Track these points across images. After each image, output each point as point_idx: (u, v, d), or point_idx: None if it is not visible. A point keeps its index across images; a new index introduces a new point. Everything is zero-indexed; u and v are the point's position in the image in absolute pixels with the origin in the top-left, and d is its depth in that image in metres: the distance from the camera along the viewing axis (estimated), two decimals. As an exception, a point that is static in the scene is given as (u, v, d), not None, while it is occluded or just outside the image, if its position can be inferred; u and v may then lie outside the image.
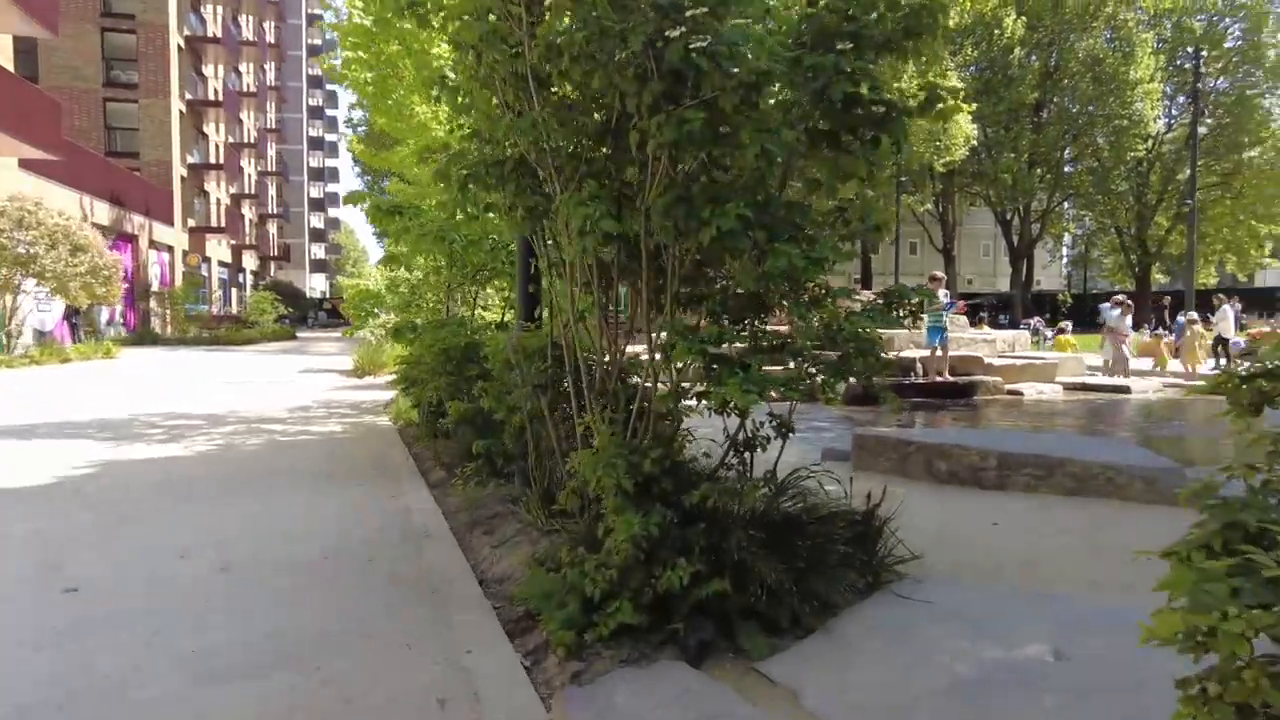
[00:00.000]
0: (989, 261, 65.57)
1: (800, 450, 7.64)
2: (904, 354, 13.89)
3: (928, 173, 41.45)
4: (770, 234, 2.99)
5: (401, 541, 4.51)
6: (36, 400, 11.93)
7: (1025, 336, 17.88)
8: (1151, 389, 13.78)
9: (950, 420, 10.52)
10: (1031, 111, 44.33)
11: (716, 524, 3.15)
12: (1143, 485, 4.93)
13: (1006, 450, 5.51)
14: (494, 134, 3.57)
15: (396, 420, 9.16)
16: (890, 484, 6.03)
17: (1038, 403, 12.40)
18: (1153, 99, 44.28)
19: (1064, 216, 54.45)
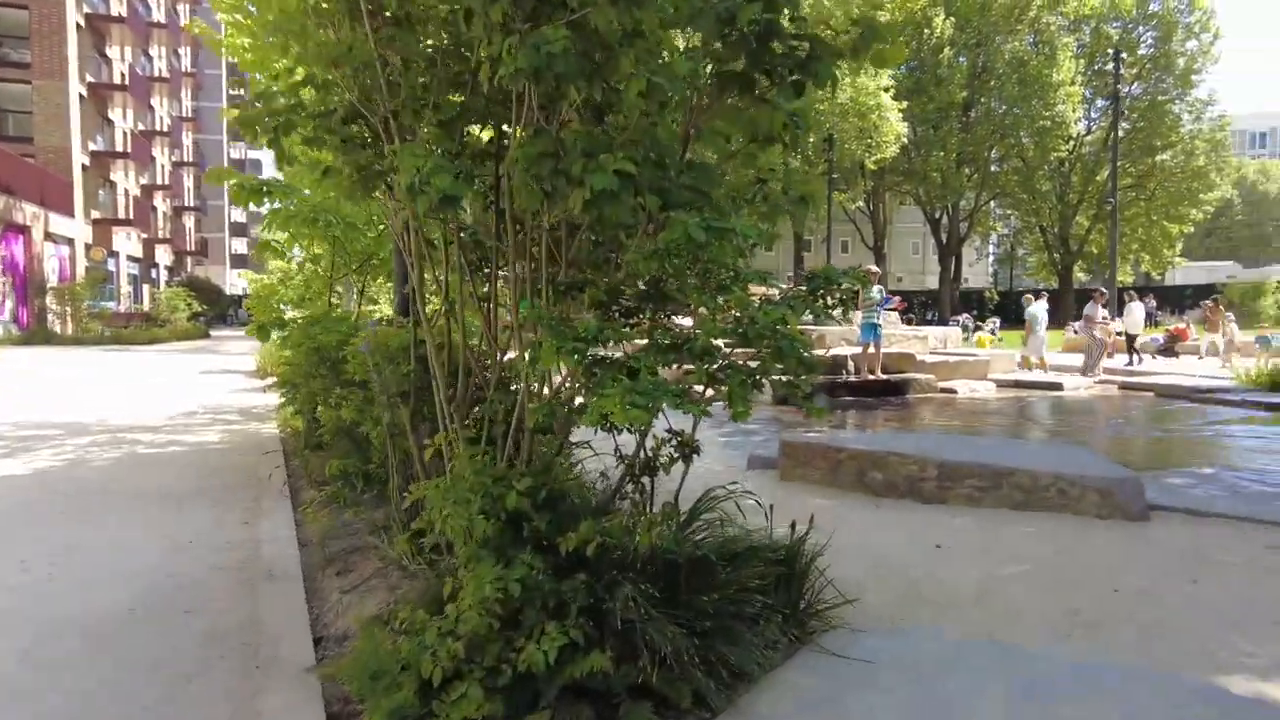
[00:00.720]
0: (918, 259, 66.59)
1: (724, 458, 7.03)
2: (836, 351, 13.46)
3: (859, 170, 41.62)
4: (665, 200, 2.31)
5: (235, 585, 3.70)
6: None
7: (957, 333, 17.71)
8: (1083, 386, 13.64)
9: (884, 420, 10.07)
10: (960, 111, 44.94)
11: (602, 574, 2.46)
12: (1098, 498, 4.42)
13: (947, 459, 4.96)
14: (321, 75, 2.80)
15: (283, 428, 8.23)
16: (821, 497, 5.46)
17: (972, 401, 12.09)
18: (1074, 101, 45.39)
19: (991, 215, 55.55)
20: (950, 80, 42.63)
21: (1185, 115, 49.66)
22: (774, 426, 8.98)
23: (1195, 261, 64.33)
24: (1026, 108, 44.65)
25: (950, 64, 43.02)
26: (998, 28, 44.52)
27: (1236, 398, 11.06)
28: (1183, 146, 49.12)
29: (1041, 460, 4.86)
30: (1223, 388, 12.04)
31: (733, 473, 6.23)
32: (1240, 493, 5.10)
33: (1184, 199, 49.93)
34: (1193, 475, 5.59)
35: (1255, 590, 3.48)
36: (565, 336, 2.24)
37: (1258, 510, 4.55)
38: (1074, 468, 4.66)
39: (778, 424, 9.24)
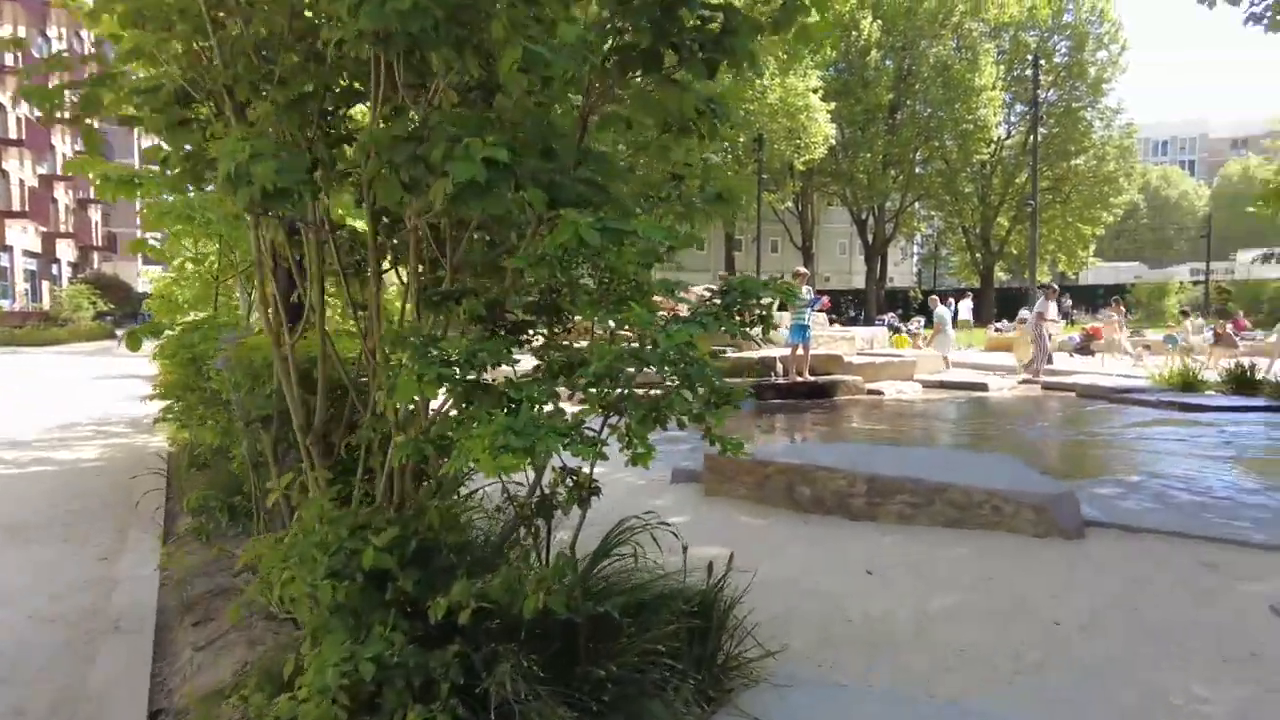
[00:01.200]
0: (845, 259, 67.67)
1: (650, 469, 6.70)
2: (764, 352, 13.28)
3: (788, 171, 41.93)
4: (554, 196, 1.92)
5: (69, 643, 3.17)
6: None
7: (884, 334, 17.79)
8: (1006, 386, 13.78)
9: (812, 424, 9.88)
10: (887, 113, 45.70)
11: (481, 643, 2.06)
12: (1033, 515, 4.21)
13: (878, 474, 4.70)
14: (149, 42, 2.32)
15: (172, 442, 7.55)
16: (748, 514, 5.14)
17: (898, 403, 12.03)
18: (995, 105, 46.65)
19: (915, 216, 56.76)
20: (877, 83, 43.32)
21: (1097, 122, 51.66)
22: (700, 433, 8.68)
23: (1105, 263, 67.03)
24: (950, 111, 45.71)
25: (877, 66, 43.71)
26: (923, 32, 45.45)
27: (1153, 398, 11.25)
28: (1095, 152, 51.07)
29: (974, 475, 4.64)
30: (1139, 388, 12.26)
31: (656, 487, 5.90)
32: (1170, 503, 4.98)
33: (1096, 202, 51.93)
34: (1121, 484, 5.48)
35: (1198, 617, 3.29)
36: (429, 361, 1.84)
37: (1189, 524, 4.42)
38: (1008, 483, 4.45)
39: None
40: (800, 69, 36.39)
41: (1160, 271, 66.02)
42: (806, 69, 36.97)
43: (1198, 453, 7.29)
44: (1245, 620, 3.26)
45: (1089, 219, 52.84)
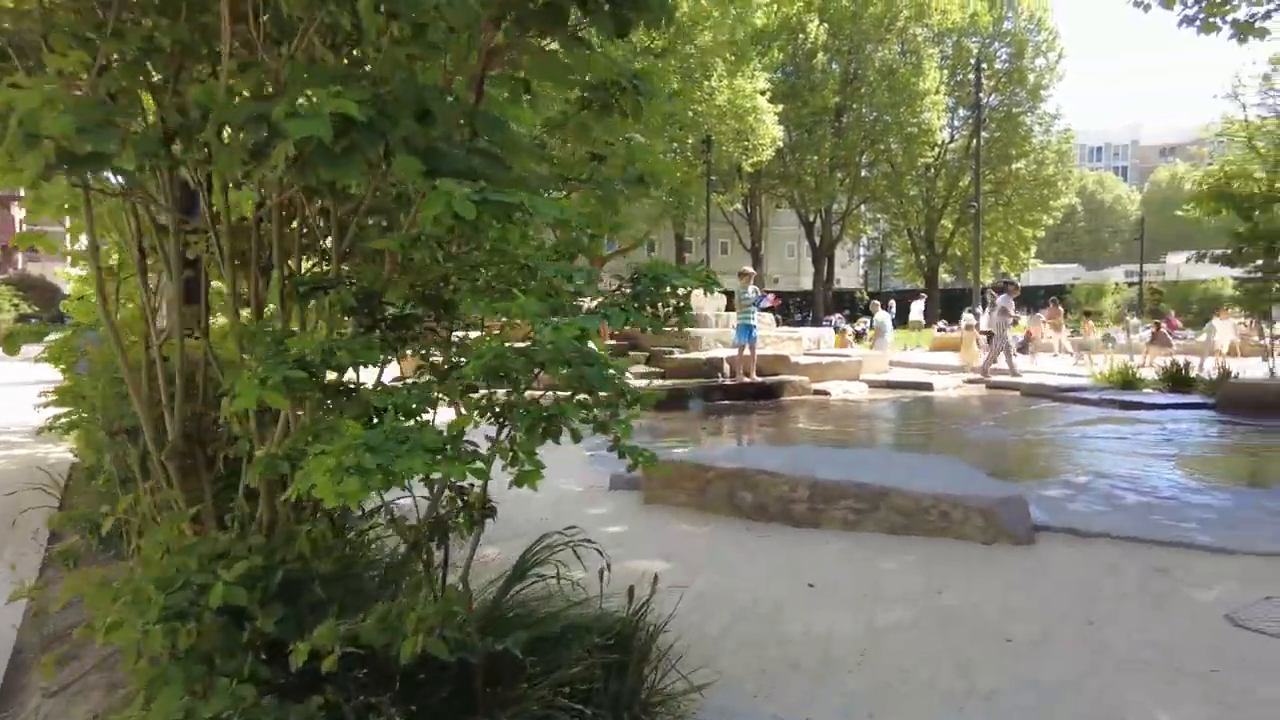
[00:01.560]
0: (794, 261, 68.18)
1: (587, 475, 6.39)
2: (711, 353, 13.09)
3: (736, 172, 42.03)
4: (432, 165, 1.62)
5: (-102, 689, 2.75)
6: None
7: (830, 334, 17.76)
8: (952, 386, 13.81)
9: (758, 425, 9.69)
10: (833, 116, 46.13)
11: (353, 692, 1.75)
12: (982, 521, 4.03)
13: (820, 479, 4.48)
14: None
15: (77, 453, 7.01)
16: (688, 522, 4.87)
17: (845, 403, 11.93)
18: (939, 109, 47.43)
19: (861, 219, 57.47)
20: (823, 86, 43.69)
21: (1036, 127, 52.98)
22: (646, 437, 8.40)
23: (1045, 265, 68.81)
24: (895, 115, 46.37)
25: (824, 70, 44.10)
26: (868, 36, 46.00)
27: (1094, 396, 11.33)
28: (1035, 156, 52.37)
29: (921, 479, 4.44)
30: (1081, 386, 12.37)
31: (593, 495, 5.61)
32: (1117, 505, 4.86)
33: (1036, 205, 53.23)
34: (1069, 485, 5.36)
35: (1154, 627, 3.12)
36: (277, 360, 1.53)
37: (1139, 527, 4.28)
38: (955, 487, 4.26)
39: (650, 434, 8.68)
40: (748, 71, 36.45)
41: (1097, 273, 67.97)
42: (754, 71, 37.04)
43: (1141, 451, 7.26)
44: (1201, 630, 3.09)
45: (1029, 221, 54.14)
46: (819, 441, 8.16)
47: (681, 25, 34.53)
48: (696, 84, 34.78)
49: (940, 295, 53.48)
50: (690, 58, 34.61)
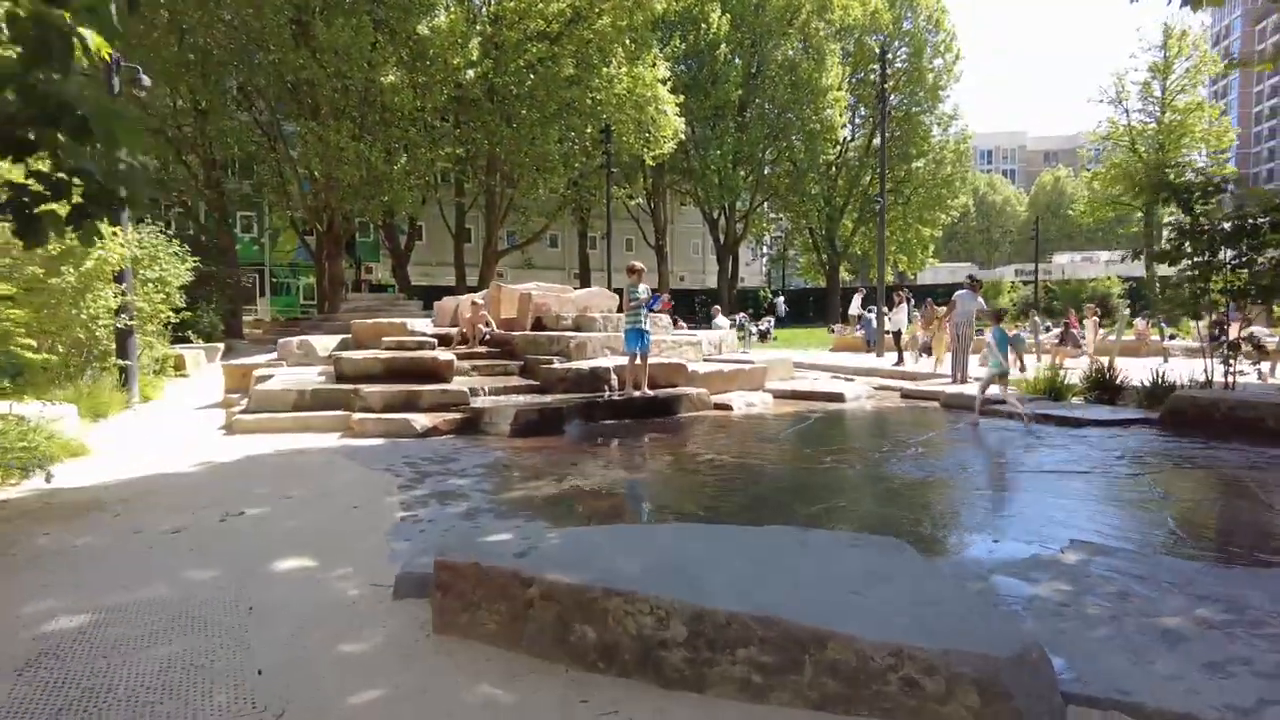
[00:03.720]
0: (699, 259, 67.25)
1: (370, 567, 4.38)
2: (598, 362, 11.25)
3: (639, 165, 40.39)
4: None
5: None
6: None
7: (731, 335, 16.20)
8: (864, 395, 12.40)
9: (644, 455, 7.91)
10: (736, 111, 45.05)
11: None
12: (976, 700, 2.30)
13: (709, 607, 2.69)
14: None
15: None
16: (490, 681, 2.76)
17: (748, 419, 10.30)
18: (840, 106, 47.07)
19: (764, 217, 56.89)
20: (726, 79, 42.49)
21: (935, 127, 53.51)
22: (487, 485, 6.46)
23: (940, 264, 70.16)
24: (798, 111, 45.72)
25: (726, 61, 42.90)
26: (771, 29, 45.12)
27: (1025, 410, 10.05)
28: (933, 156, 52.86)
29: (867, 601, 2.70)
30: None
31: (368, 608, 3.65)
32: (1159, 630, 3.17)
33: (934, 204, 53.75)
34: (1066, 576, 3.69)
35: None
36: None
37: (1221, 691, 2.63)
38: (927, 624, 2.52)
39: (497, 475, 6.74)
40: (648, 59, 34.81)
41: (988, 273, 69.76)
42: (655, 59, 35.43)
43: (1128, 498, 5.79)
44: None
45: (928, 221, 54.68)
46: (714, 483, 6.43)
47: (578, 8, 32.64)
48: (594, 70, 32.91)
49: (841, 294, 53.34)
50: (588, 43, 32.68)
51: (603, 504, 5.75)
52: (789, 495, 6.06)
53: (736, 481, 6.46)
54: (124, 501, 5.84)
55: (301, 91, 27.86)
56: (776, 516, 5.18)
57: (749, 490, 6.19)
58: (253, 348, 24.32)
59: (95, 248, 10.32)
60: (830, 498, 5.89)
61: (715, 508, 5.59)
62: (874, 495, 5.97)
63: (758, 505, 5.70)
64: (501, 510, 5.42)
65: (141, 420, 10.29)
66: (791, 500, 5.87)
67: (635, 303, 10.32)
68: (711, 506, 5.65)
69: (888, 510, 5.52)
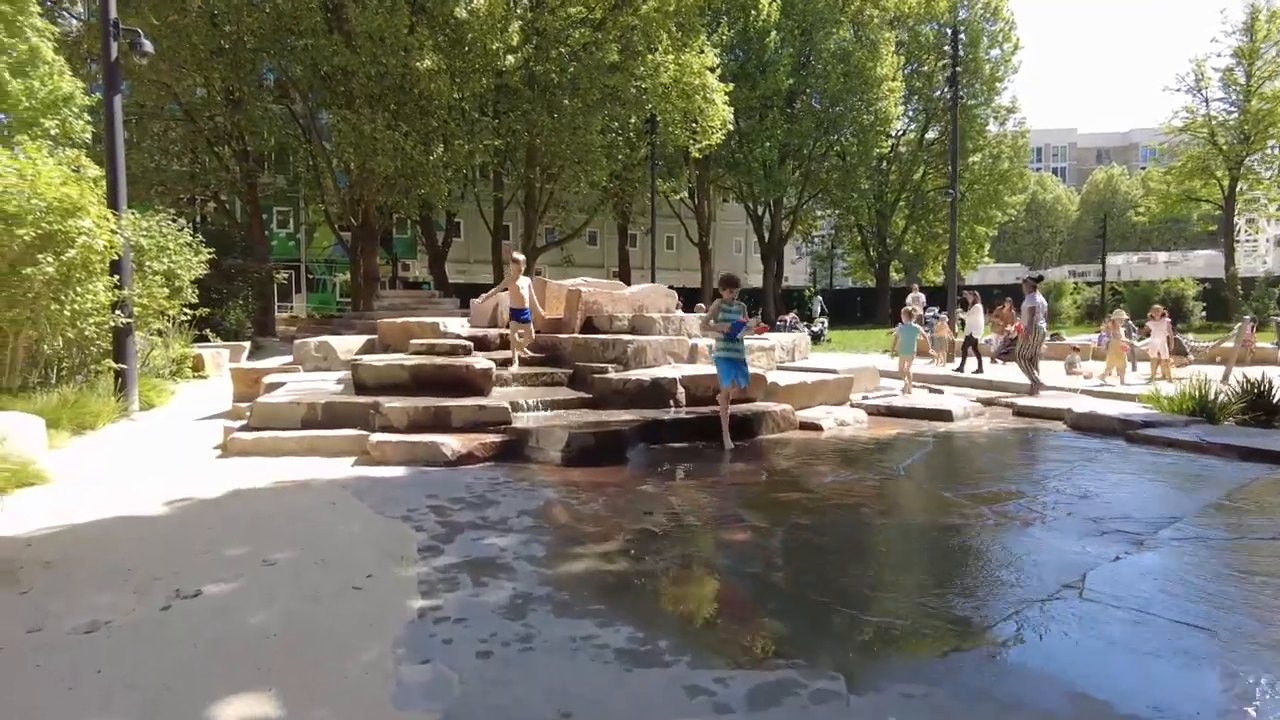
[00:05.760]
0: (741, 258, 65.25)
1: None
2: (659, 371, 9.56)
3: (683, 158, 38.62)
4: None
5: None
6: None
7: (805, 340, 14.38)
8: (973, 412, 10.54)
9: (729, 503, 6.20)
10: (785, 102, 43.06)
11: None
12: None
13: None
14: None
15: None
16: None
17: (842, 442, 8.54)
18: (895, 97, 44.93)
19: (811, 213, 54.80)
20: (776, 67, 40.53)
21: (991, 121, 50.95)
22: (539, 535, 4.81)
23: (988, 264, 67.33)
24: (850, 102, 43.64)
25: (776, 49, 40.95)
26: (822, 17, 43.09)
27: (1183, 435, 8.16)
28: (989, 150, 50.32)
29: None
30: (1151, 418, 9.20)
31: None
32: None
33: (990, 201, 51.21)
34: None
35: None
36: None
37: None
38: None
39: (548, 525, 5.06)
40: (696, 45, 33.03)
41: (1038, 273, 66.56)
42: (703, 46, 33.64)
43: None
44: None
45: (983, 219, 52.17)
46: (842, 549, 4.70)
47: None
48: (639, 57, 31.21)
49: (892, 294, 51.01)
50: (632, 28, 31.00)
51: (702, 590, 4.05)
52: (958, 573, 4.31)
53: (871, 545, 4.73)
54: (46, 566, 4.28)
55: (335, 80, 26.59)
56: (974, 623, 3.45)
57: (896, 563, 4.47)
58: (283, 346, 23.08)
59: (79, 233, 8.88)
60: (1024, 583, 4.12)
61: (869, 599, 3.87)
62: (1053, 586, 4.16)
63: (930, 598, 3.97)
64: (562, 600, 3.74)
65: (131, 435, 8.83)
66: (974, 584, 4.12)
67: (728, 322, 8.09)
68: (859, 596, 3.93)
69: (1084, 618, 3.73)
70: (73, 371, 10.10)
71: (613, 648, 3.22)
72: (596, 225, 46.00)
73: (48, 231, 8.69)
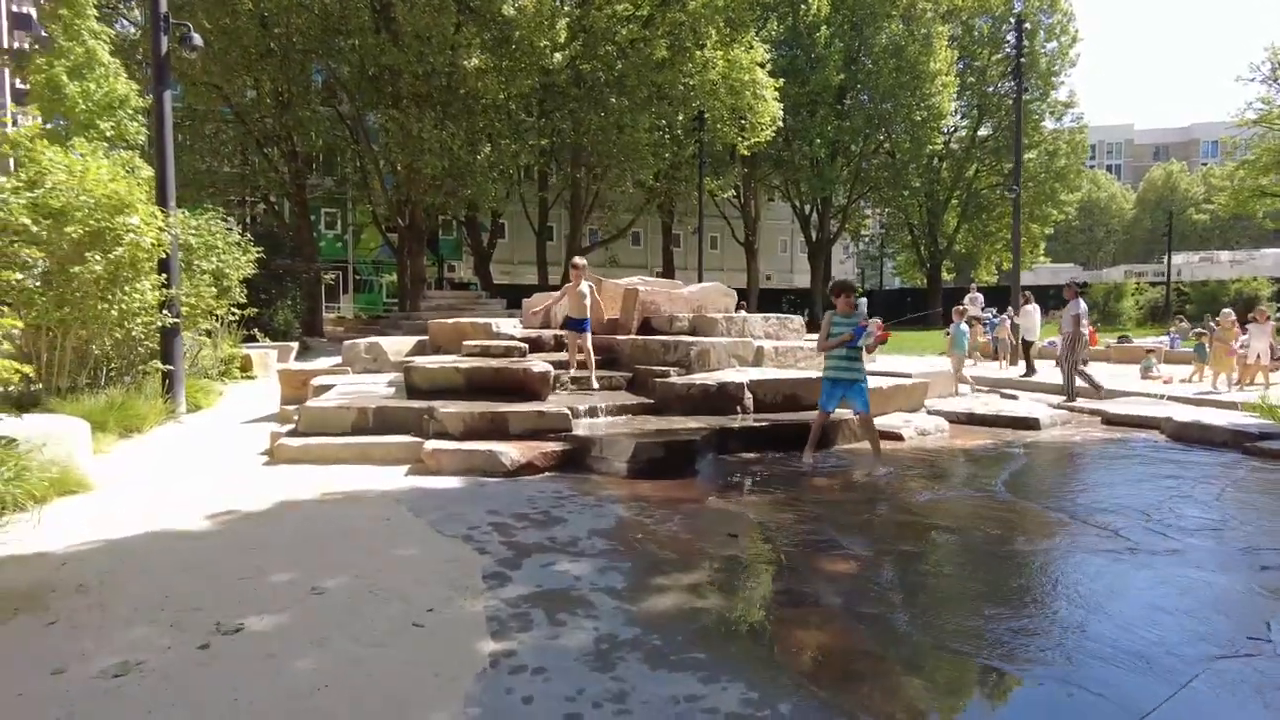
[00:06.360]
0: (786, 258, 64.26)
1: None
2: (724, 375, 8.99)
3: (729, 156, 37.94)
4: None
5: None
6: None
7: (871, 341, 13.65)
8: (1059, 420, 9.80)
9: (819, 523, 5.62)
10: (835, 98, 42.13)
11: None
12: None
13: None
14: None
15: None
16: None
17: (929, 455, 7.90)
18: (949, 91, 43.72)
19: (860, 211, 53.66)
20: (826, 63, 39.64)
21: (1047, 116, 49.28)
22: (610, 557, 4.29)
23: (1040, 264, 65.35)
24: (901, 98, 42.53)
25: (826, 44, 40.05)
26: (873, 11, 42.08)
27: None
28: (1045, 147, 48.69)
29: None
30: (1271, 430, 8.37)
31: None
32: None
33: (1046, 199, 49.58)
34: None
35: None
36: None
37: None
38: None
39: (629, 555, 4.52)
40: (745, 40, 32.36)
41: (1094, 274, 64.96)
42: (752, 41, 32.95)
43: None
44: None
45: (1038, 217, 50.54)
46: (961, 575, 4.11)
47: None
48: (688, 54, 30.63)
49: (944, 294, 49.65)
50: (681, 24, 30.43)
51: (817, 636, 3.48)
52: (1115, 617, 3.69)
53: (1000, 579, 4.13)
54: (79, 590, 3.88)
55: (382, 80, 26.49)
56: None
57: (1036, 602, 3.86)
58: (330, 347, 22.98)
59: (126, 230, 8.61)
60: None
61: (1016, 650, 3.28)
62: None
63: (1090, 646, 3.36)
64: (654, 645, 3.21)
65: (177, 439, 8.53)
66: (1141, 631, 3.50)
67: (842, 332, 7.00)
68: (1004, 645, 3.33)
69: None
70: (120, 373, 9.87)
71: (724, 712, 2.68)
72: (640, 225, 45.51)
73: (96, 229, 8.43)
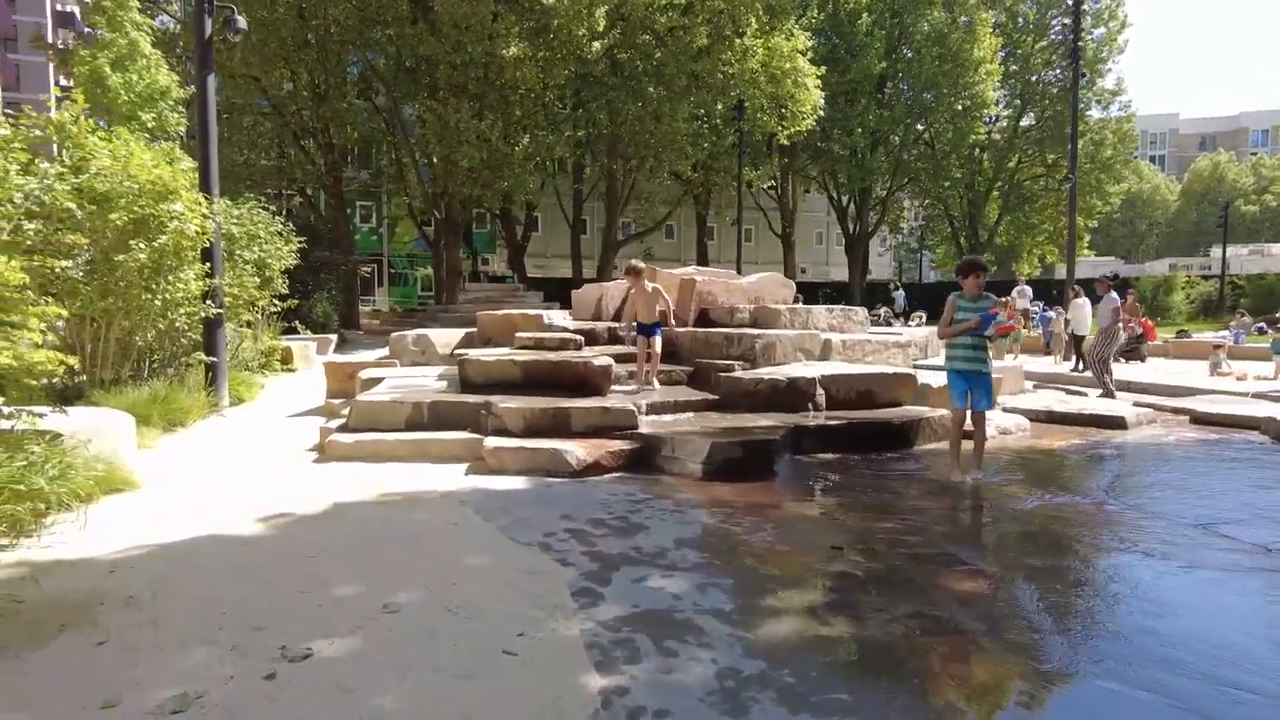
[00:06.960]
0: (822, 250, 63.34)
1: None
2: (793, 370, 8.50)
3: (767, 146, 37.24)
4: None
5: None
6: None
7: (932, 335, 13.09)
8: (1145, 419, 9.18)
9: (926, 518, 5.13)
10: (875, 87, 41.23)
11: None
12: None
13: None
14: None
15: None
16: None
17: (1015, 456, 7.36)
18: (993, 79, 42.62)
19: (899, 203, 52.62)
20: (867, 51, 38.76)
21: (1094, 104, 47.89)
22: (722, 589, 3.85)
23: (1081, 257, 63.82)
24: (944, 86, 41.50)
25: (869, 32, 39.16)
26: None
27: None
28: (1091, 136, 47.31)
29: None
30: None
31: None
32: None
33: (1092, 191, 48.22)
34: None
35: None
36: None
37: None
38: None
39: (728, 569, 4.06)
40: (786, 28, 31.66)
41: (1135, 267, 63.30)
42: (793, 29, 32.24)
43: None
44: None
45: (1083, 210, 49.12)
46: (1101, 597, 3.63)
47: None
48: (727, 42, 30.02)
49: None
50: (720, 11, 29.81)
51: (973, 672, 3.01)
52: None
53: (1163, 599, 3.63)
54: (130, 602, 3.52)
55: (419, 71, 26.23)
56: None
57: (1204, 632, 3.36)
58: (367, 339, 22.81)
59: (170, 217, 8.32)
60: None
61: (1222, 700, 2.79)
62: None
63: None
64: (786, 683, 2.77)
65: (222, 433, 8.24)
66: None
67: (970, 317, 6.22)
68: (1206, 695, 2.84)
69: None
70: (163, 365, 9.62)
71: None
72: (674, 218, 44.98)
73: (140, 215, 8.14)
